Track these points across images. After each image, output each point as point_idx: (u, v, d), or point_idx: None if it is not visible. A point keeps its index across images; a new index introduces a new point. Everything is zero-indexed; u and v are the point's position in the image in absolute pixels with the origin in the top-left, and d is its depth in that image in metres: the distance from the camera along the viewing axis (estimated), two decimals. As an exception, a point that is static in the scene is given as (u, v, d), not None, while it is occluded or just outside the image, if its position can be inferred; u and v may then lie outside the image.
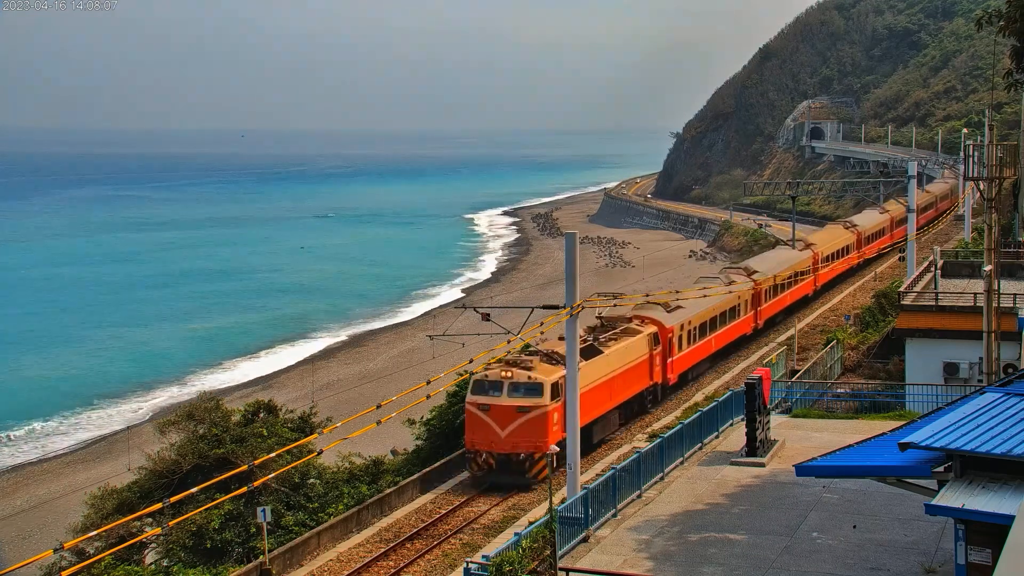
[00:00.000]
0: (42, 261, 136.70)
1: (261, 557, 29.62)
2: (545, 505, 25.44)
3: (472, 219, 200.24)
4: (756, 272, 59.69)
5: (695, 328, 50.00)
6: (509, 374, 36.46)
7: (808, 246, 72.84)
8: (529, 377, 36.44)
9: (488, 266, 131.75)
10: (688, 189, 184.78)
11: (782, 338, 59.00)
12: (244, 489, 24.01)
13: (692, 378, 51.26)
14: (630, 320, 45.48)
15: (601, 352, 40.22)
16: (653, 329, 45.31)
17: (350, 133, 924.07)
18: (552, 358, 38.00)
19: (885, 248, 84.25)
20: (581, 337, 36.68)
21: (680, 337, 47.79)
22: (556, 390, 36.12)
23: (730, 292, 53.60)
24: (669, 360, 46.73)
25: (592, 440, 39.67)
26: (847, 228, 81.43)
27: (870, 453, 20.17)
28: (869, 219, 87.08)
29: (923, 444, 17.37)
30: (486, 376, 36.61)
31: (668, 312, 47.33)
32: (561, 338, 35.34)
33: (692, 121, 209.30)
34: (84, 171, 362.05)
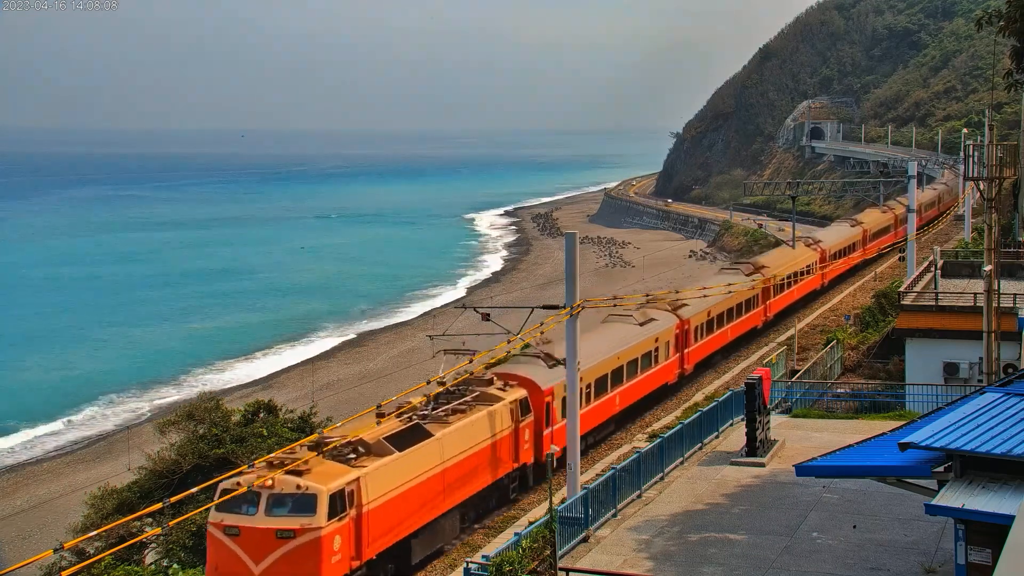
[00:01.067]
0: (42, 261, 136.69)
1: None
2: (545, 505, 25.43)
3: (472, 219, 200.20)
4: (684, 306, 49.82)
5: (592, 385, 39.86)
6: (269, 482, 24.99)
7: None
8: (298, 486, 24.93)
9: (488, 266, 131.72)
10: (688, 189, 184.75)
11: (782, 338, 59.00)
12: (244, 489, 23.98)
13: (593, 443, 41.11)
14: (490, 382, 34.97)
15: (430, 435, 29.55)
16: (521, 394, 34.94)
17: (350, 133, 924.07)
18: (370, 448, 27.49)
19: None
20: (407, 415, 30.35)
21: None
22: (340, 503, 25.24)
23: (645, 331, 45.19)
24: (546, 432, 36.37)
25: (411, 562, 28.88)
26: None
27: (870, 453, 20.17)
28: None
29: (923, 444, 17.37)
30: (238, 484, 25.07)
31: (550, 368, 36.19)
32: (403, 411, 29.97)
33: (692, 121, 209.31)
34: (84, 171, 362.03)
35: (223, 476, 25.33)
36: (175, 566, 28.84)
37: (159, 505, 23.60)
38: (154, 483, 33.01)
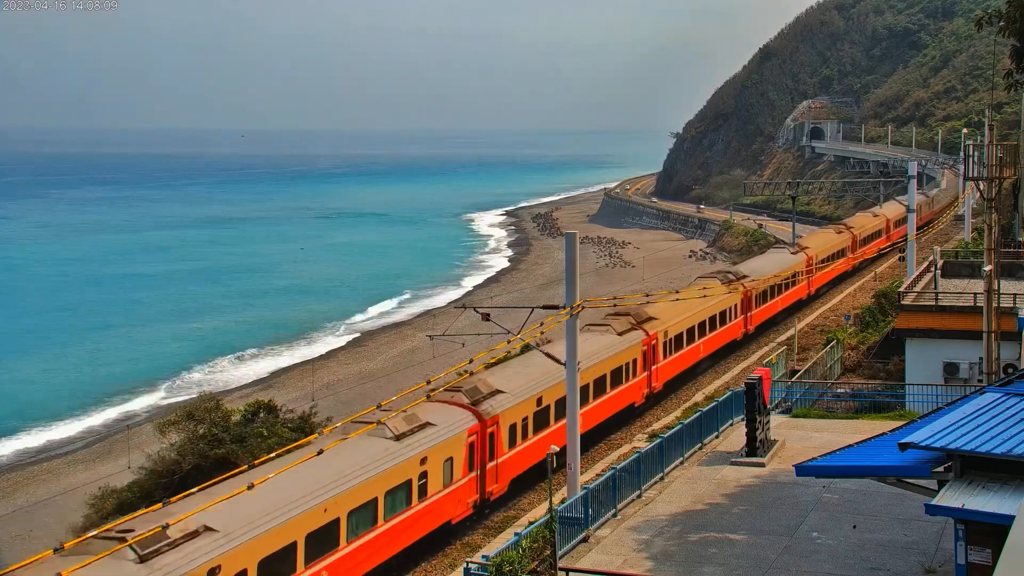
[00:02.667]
0: (42, 261, 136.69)
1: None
2: (545, 505, 25.43)
3: (472, 219, 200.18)
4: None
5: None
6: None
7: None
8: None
9: (488, 266, 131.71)
10: (688, 189, 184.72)
11: (781, 338, 58.99)
12: (244, 489, 23.98)
13: None
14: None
15: None
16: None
17: (350, 133, 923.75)
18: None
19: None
20: None
21: None
22: None
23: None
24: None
25: None
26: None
27: (870, 453, 20.17)
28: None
29: (923, 444, 17.37)
30: None
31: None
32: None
33: (692, 121, 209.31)
34: (84, 171, 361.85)
35: (223, 476, 25.33)
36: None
37: (159, 505, 23.62)
38: (154, 483, 33.06)
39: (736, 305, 55.34)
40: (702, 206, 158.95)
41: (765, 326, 61.71)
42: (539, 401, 36.40)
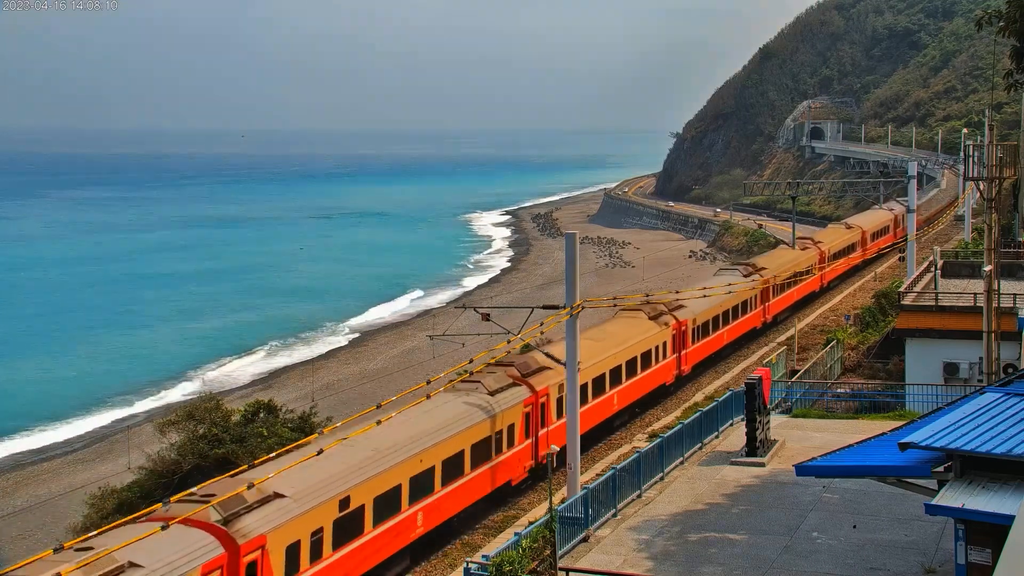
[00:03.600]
0: (42, 261, 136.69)
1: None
2: (545, 505, 25.44)
3: (472, 219, 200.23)
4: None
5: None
6: None
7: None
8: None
9: (488, 266, 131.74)
10: (688, 189, 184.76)
11: (782, 338, 58.99)
12: (244, 489, 23.98)
13: None
14: None
15: None
16: None
17: (350, 133, 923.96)
18: None
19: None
20: None
21: None
22: None
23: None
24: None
25: None
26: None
27: (870, 453, 20.17)
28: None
29: (923, 444, 17.37)
30: None
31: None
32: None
33: (692, 121, 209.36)
34: (84, 171, 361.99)
35: (223, 476, 25.36)
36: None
37: (159, 505, 23.63)
38: (154, 483, 33.07)
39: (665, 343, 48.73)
40: (719, 210, 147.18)
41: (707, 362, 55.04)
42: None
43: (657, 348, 46.87)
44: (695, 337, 51.38)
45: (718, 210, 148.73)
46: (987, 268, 33.66)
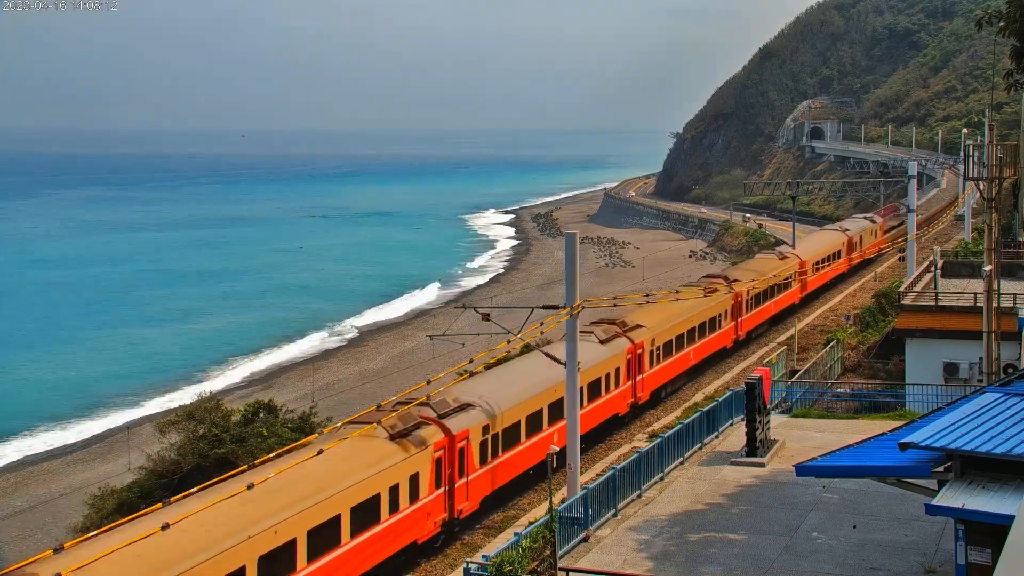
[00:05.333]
0: (42, 261, 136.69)
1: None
2: (545, 505, 25.43)
3: (472, 219, 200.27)
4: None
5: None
6: None
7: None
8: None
9: (488, 266, 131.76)
10: (688, 189, 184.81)
11: (782, 338, 58.96)
12: (244, 489, 23.98)
13: None
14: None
15: None
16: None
17: (350, 133, 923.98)
18: None
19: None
20: None
21: None
22: None
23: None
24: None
25: None
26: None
27: (870, 453, 20.17)
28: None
29: (923, 444, 17.37)
30: None
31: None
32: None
33: (692, 121, 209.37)
34: (83, 171, 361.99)
35: (224, 476, 25.36)
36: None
37: (159, 505, 23.63)
38: (154, 483, 33.06)
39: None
40: (748, 215, 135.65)
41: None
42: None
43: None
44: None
45: (747, 215, 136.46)
46: (987, 268, 33.66)
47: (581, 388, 32.86)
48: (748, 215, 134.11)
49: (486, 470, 32.65)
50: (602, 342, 41.60)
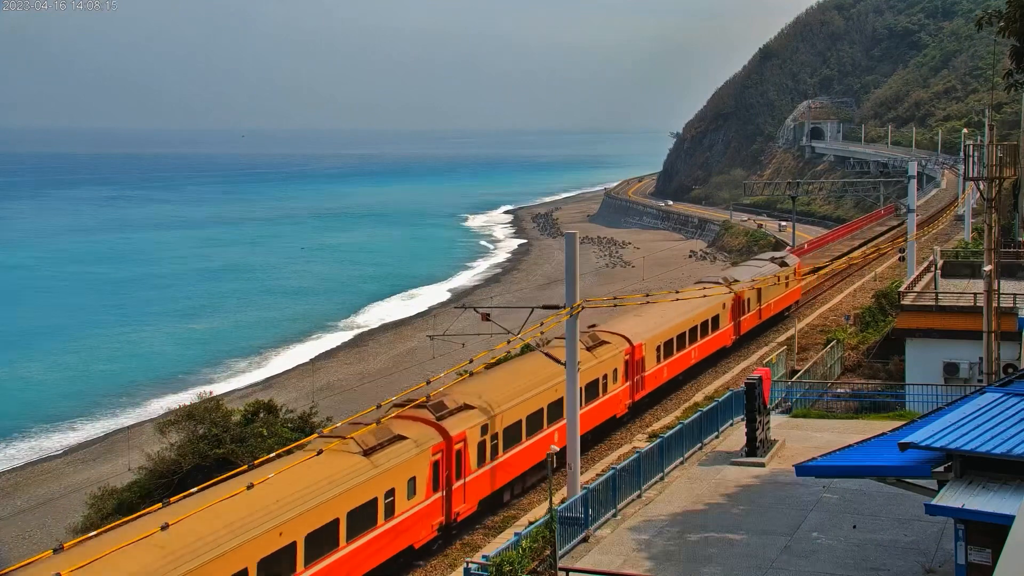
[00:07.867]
0: (42, 261, 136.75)
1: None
2: (545, 505, 25.42)
3: (472, 219, 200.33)
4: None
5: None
6: None
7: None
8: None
9: (488, 266, 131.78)
10: (688, 189, 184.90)
11: (781, 338, 58.96)
12: (244, 489, 23.97)
13: None
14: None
15: None
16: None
17: (350, 133, 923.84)
18: None
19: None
20: None
21: None
22: None
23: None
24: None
25: None
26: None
27: (870, 453, 20.15)
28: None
29: (923, 444, 17.36)
30: None
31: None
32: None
33: (692, 121, 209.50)
34: (84, 171, 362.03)
35: (224, 476, 25.35)
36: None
37: (159, 505, 23.61)
38: (154, 483, 33.04)
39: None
40: (784, 224, 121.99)
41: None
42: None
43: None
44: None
45: (783, 224, 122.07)
46: (987, 268, 33.63)
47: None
48: (748, 217, 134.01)
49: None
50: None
